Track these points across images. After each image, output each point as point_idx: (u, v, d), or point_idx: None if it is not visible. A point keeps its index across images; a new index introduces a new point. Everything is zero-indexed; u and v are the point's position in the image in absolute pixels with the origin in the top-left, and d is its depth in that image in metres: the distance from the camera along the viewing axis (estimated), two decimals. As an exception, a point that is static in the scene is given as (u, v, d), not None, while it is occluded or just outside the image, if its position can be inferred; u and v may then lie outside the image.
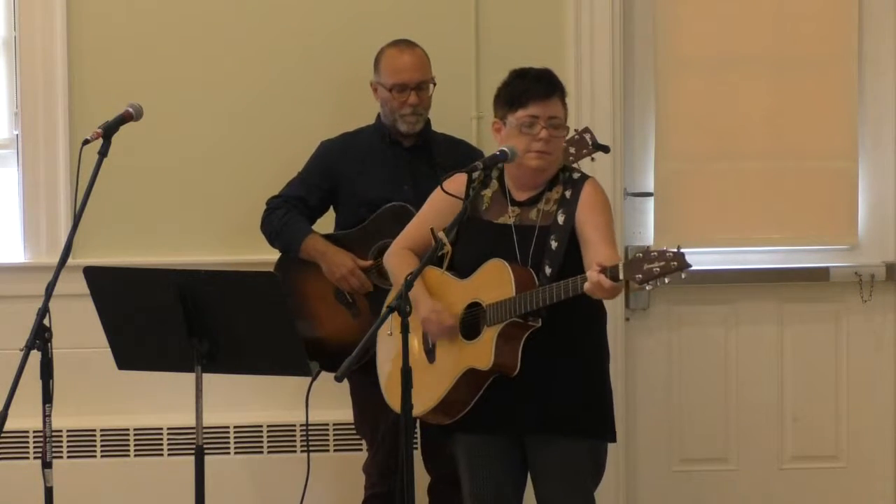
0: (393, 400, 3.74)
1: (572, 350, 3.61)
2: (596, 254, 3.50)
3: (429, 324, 3.68)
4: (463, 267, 3.70)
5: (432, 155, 4.33)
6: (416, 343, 3.73)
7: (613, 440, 3.74)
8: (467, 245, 3.70)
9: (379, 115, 4.42)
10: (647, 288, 3.29)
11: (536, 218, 3.63)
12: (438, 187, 3.69)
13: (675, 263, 3.27)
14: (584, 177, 3.69)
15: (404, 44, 4.37)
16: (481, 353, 3.57)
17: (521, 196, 3.69)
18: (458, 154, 4.32)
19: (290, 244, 4.34)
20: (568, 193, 3.62)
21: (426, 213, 3.82)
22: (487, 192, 3.73)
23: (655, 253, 3.29)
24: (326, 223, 4.46)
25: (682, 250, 3.29)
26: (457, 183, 3.70)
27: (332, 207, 4.47)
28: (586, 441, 3.65)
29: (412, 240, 3.82)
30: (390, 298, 3.73)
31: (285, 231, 4.35)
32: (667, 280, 3.28)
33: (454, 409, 3.67)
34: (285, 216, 4.36)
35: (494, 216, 3.70)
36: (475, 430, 3.69)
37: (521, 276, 3.55)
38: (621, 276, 3.31)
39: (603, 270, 3.32)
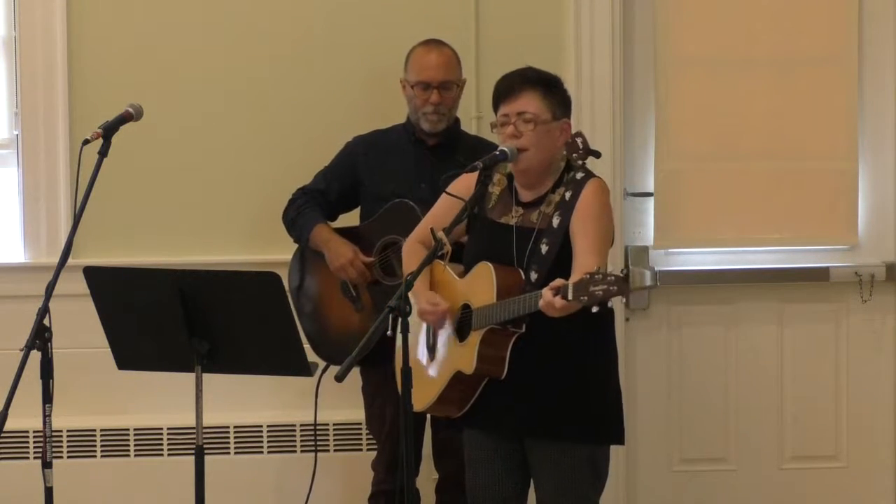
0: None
1: (572, 352, 3.56)
2: (580, 265, 3.42)
3: (426, 314, 3.66)
4: (467, 263, 3.70)
5: (456, 155, 4.30)
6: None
7: (616, 443, 3.67)
8: (472, 241, 3.71)
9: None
10: (593, 310, 3.19)
11: (537, 220, 3.59)
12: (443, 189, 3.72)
13: (615, 288, 3.15)
14: (588, 177, 3.61)
15: (433, 43, 4.37)
16: (467, 356, 3.56)
17: (527, 197, 3.66)
18: (477, 156, 4.29)
19: (301, 233, 4.38)
20: (568, 195, 3.57)
21: (437, 210, 3.82)
22: (495, 190, 3.72)
23: (600, 275, 3.18)
24: (352, 218, 4.47)
25: (629, 271, 3.17)
26: (463, 183, 3.71)
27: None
28: (583, 446, 3.59)
29: (423, 235, 3.81)
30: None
31: (298, 220, 4.38)
32: (609, 304, 3.19)
33: (455, 405, 3.67)
34: (301, 207, 4.39)
35: (498, 215, 3.68)
36: (477, 426, 3.69)
37: (506, 280, 3.50)
38: (570, 297, 3.21)
39: (555, 291, 3.25)
